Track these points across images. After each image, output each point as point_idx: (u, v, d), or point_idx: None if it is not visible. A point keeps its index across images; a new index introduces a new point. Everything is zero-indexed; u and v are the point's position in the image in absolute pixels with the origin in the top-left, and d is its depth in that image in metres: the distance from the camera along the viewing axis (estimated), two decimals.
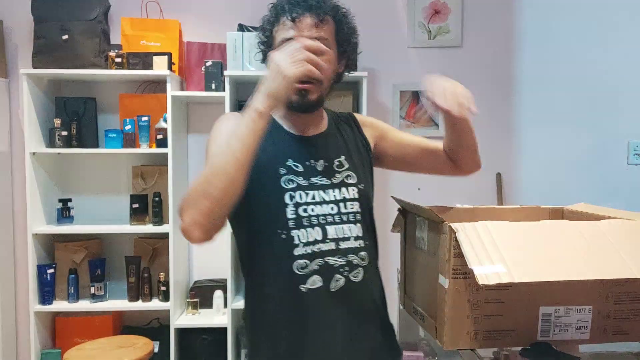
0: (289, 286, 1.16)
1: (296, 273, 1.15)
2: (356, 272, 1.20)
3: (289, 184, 1.18)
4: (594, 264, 0.92)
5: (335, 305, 1.17)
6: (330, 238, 1.17)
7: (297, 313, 1.16)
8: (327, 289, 1.16)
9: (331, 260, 1.17)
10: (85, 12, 2.63)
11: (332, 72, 1.22)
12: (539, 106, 2.93)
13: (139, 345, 2.37)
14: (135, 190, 2.75)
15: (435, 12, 2.89)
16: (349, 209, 1.22)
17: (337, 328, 1.18)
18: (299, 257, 1.15)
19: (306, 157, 1.22)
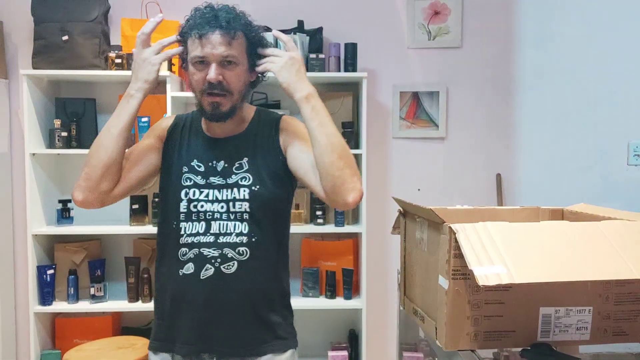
0: (172, 269, 1.34)
1: (178, 259, 1.33)
2: (229, 265, 1.32)
3: (187, 181, 1.35)
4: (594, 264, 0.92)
5: (203, 291, 1.32)
6: (211, 232, 1.32)
7: (174, 292, 1.35)
8: (197, 276, 1.32)
9: (205, 252, 1.32)
10: (85, 13, 2.63)
11: (243, 84, 1.33)
12: (539, 106, 2.93)
13: (138, 346, 2.37)
14: None
15: (435, 12, 2.89)
16: (237, 208, 1.33)
17: (202, 311, 1.32)
18: (182, 246, 1.33)
19: (210, 157, 1.37)
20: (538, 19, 2.91)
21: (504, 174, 2.94)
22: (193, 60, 1.29)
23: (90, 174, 1.33)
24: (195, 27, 1.27)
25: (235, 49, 1.28)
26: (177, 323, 1.35)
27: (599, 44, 2.89)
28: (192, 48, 1.28)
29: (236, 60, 1.28)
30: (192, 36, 1.27)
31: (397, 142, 2.94)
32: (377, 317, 2.92)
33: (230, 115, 1.34)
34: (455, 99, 2.93)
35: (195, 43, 1.27)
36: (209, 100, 1.29)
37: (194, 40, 1.27)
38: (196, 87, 1.31)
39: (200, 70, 1.28)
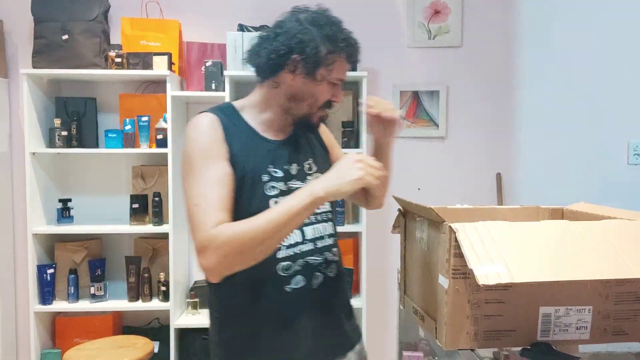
0: (271, 288, 1.20)
1: (278, 274, 1.20)
2: (331, 268, 1.29)
3: (271, 190, 1.22)
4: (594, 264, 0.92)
5: (315, 300, 1.25)
6: (308, 239, 1.25)
7: (281, 312, 1.21)
8: (309, 287, 1.23)
9: (311, 260, 1.24)
10: (85, 12, 2.63)
11: None
12: (539, 106, 2.93)
13: (139, 345, 2.37)
14: (135, 190, 2.75)
15: (435, 12, 2.89)
16: (322, 209, 1.29)
17: (316, 320, 1.25)
18: (282, 260, 1.21)
19: (282, 161, 1.26)
20: (538, 19, 2.91)
21: (504, 173, 2.94)
22: (332, 80, 1.25)
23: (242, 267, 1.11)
24: (347, 49, 1.24)
25: None
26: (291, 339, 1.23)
27: (598, 43, 2.89)
28: (337, 67, 1.24)
29: None
30: (338, 56, 1.23)
31: (397, 142, 2.94)
32: (377, 316, 2.92)
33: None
34: (455, 98, 2.93)
35: (340, 65, 1.25)
36: (321, 115, 1.29)
37: (339, 59, 1.24)
38: (316, 101, 1.25)
39: (331, 88, 1.26)
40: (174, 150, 2.61)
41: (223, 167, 1.17)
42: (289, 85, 1.23)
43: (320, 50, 1.20)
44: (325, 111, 1.28)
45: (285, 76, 1.23)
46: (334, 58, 1.22)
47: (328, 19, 1.24)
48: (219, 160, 1.17)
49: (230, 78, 2.57)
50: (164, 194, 2.67)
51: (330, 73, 1.23)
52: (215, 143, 1.19)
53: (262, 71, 1.26)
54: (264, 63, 1.24)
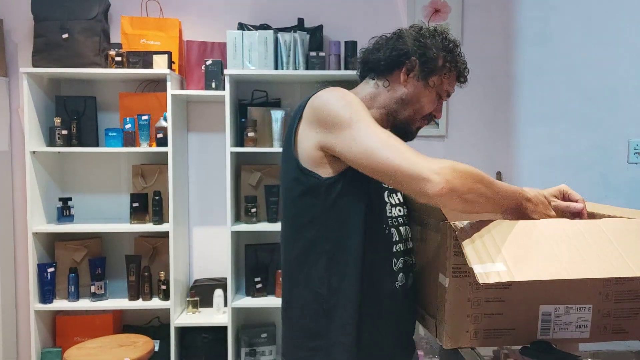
0: (386, 283, 1.19)
1: (392, 270, 1.20)
2: (415, 270, 1.28)
3: (381, 183, 1.19)
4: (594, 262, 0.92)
5: (409, 300, 1.25)
6: (404, 238, 1.24)
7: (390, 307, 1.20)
8: (407, 286, 1.23)
9: (407, 259, 1.24)
10: (85, 11, 2.63)
11: None
12: (539, 105, 2.93)
13: (139, 344, 2.37)
14: (136, 189, 2.75)
15: (436, 10, 2.89)
16: (404, 212, 1.28)
17: (409, 321, 1.27)
18: (395, 255, 1.20)
19: None
20: (538, 17, 2.90)
21: (504, 172, 2.94)
22: (442, 93, 1.25)
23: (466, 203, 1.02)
24: (461, 67, 1.28)
25: None
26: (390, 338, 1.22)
27: (598, 42, 2.89)
28: (450, 81, 1.26)
29: None
30: (453, 71, 1.26)
31: None
32: None
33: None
34: (455, 98, 2.90)
35: (452, 79, 1.26)
36: (420, 125, 1.26)
37: (453, 73, 1.26)
38: (421, 108, 1.23)
39: (437, 100, 1.25)
40: (174, 149, 2.61)
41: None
42: (400, 87, 1.22)
43: (439, 57, 1.22)
44: (425, 123, 1.26)
45: (400, 76, 1.22)
46: (450, 69, 1.24)
47: (448, 35, 1.27)
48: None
49: (230, 77, 2.57)
50: (164, 192, 2.67)
51: (442, 83, 1.24)
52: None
53: (378, 67, 1.24)
54: (384, 59, 1.22)
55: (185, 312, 2.76)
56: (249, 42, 2.60)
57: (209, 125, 2.91)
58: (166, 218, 2.68)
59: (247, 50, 2.60)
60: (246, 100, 2.84)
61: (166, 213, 2.67)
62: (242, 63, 2.61)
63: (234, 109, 2.69)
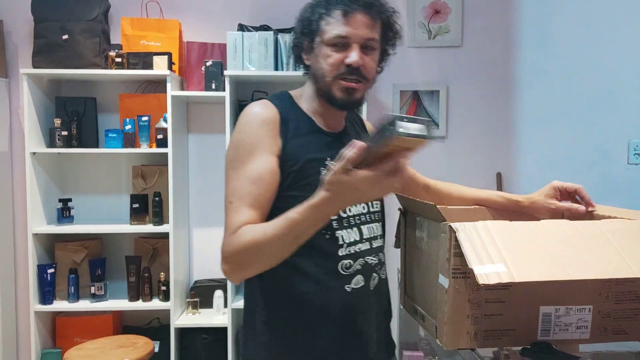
0: (333, 286, 1.17)
1: (340, 272, 1.17)
2: (383, 269, 1.27)
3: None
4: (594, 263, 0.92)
5: (373, 302, 1.23)
6: (365, 238, 1.21)
7: (341, 312, 1.17)
8: (368, 287, 1.21)
9: (369, 260, 1.21)
10: (85, 12, 2.63)
11: (375, 72, 1.22)
12: (539, 106, 2.93)
13: (139, 345, 2.37)
14: (136, 190, 2.75)
15: (436, 11, 2.89)
16: (374, 207, 1.25)
17: (373, 323, 1.24)
18: (344, 258, 1.17)
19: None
20: (538, 19, 2.91)
21: (505, 173, 2.94)
22: (331, 41, 1.14)
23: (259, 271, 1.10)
24: (338, 2, 1.14)
25: (377, 33, 1.18)
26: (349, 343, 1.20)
27: (599, 43, 2.89)
28: (331, 26, 1.14)
29: (375, 46, 1.18)
30: (330, 13, 1.14)
31: None
32: None
33: (361, 104, 1.21)
34: (455, 98, 2.93)
35: (336, 21, 1.13)
36: (343, 85, 1.14)
37: (333, 17, 1.14)
38: (328, 71, 1.15)
39: (337, 51, 1.14)
40: (174, 150, 2.61)
41: (267, 162, 1.11)
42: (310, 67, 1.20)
43: (312, 19, 1.17)
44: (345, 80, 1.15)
45: (306, 59, 1.22)
46: (327, 19, 1.15)
47: None
48: (265, 155, 1.11)
49: (230, 78, 2.57)
50: (164, 193, 2.67)
51: (325, 33, 1.15)
52: (267, 136, 1.13)
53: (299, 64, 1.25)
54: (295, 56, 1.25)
55: (185, 313, 2.76)
56: (249, 43, 2.60)
57: (209, 127, 2.91)
58: (166, 219, 2.68)
59: (247, 51, 2.61)
60: (246, 101, 2.84)
61: (166, 214, 2.67)
62: (242, 64, 2.61)
63: (234, 110, 2.69)
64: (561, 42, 2.90)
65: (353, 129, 1.32)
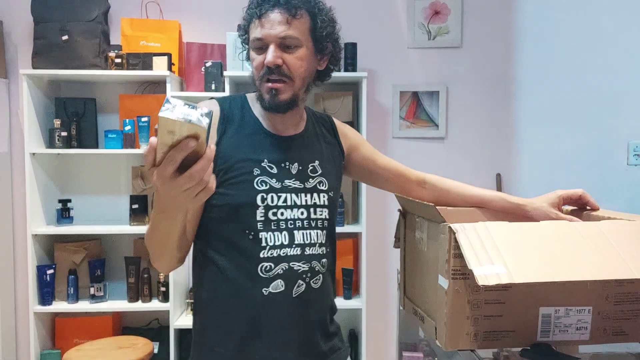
0: (250, 287, 1.15)
1: (260, 275, 1.14)
2: (316, 279, 1.21)
3: (261, 185, 1.16)
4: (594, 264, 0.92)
5: (294, 310, 1.17)
6: (296, 243, 1.18)
7: (256, 314, 1.15)
8: (289, 294, 1.16)
9: (295, 266, 1.17)
10: (85, 13, 2.63)
11: (306, 70, 1.18)
12: (539, 106, 2.93)
13: (138, 345, 2.37)
14: (135, 190, 2.75)
15: (435, 12, 2.89)
16: (318, 215, 1.22)
17: (292, 332, 1.18)
18: (265, 260, 1.15)
19: (281, 158, 1.20)
20: (538, 19, 2.91)
21: (504, 173, 2.94)
22: (253, 44, 1.16)
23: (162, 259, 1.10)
24: (254, 7, 1.16)
25: (297, 28, 1.14)
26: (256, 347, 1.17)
27: (599, 43, 2.89)
28: (252, 30, 1.17)
29: (297, 43, 1.14)
30: (252, 16, 1.16)
31: (397, 142, 2.94)
32: (377, 316, 2.92)
33: (291, 105, 1.18)
34: (455, 99, 2.93)
35: (254, 24, 1.16)
36: (267, 86, 1.15)
37: (253, 21, 1.16)
38: (255, 74, 1.17)
39: (259, 54, 1.15)
40: None
41: None
42: None
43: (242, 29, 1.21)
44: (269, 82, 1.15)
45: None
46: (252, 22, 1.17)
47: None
48: None
49: (230, 78, 2.57)
50: None
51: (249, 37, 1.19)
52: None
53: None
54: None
55: (184, 314, 2.76)
56: None
57: None
58: None
59: None
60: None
61: None
62: (242, 65, 2.61)
63: None
64: (561, 42, 2.90)
65: (314, 132, 1.30)
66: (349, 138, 1.38)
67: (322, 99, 2.78)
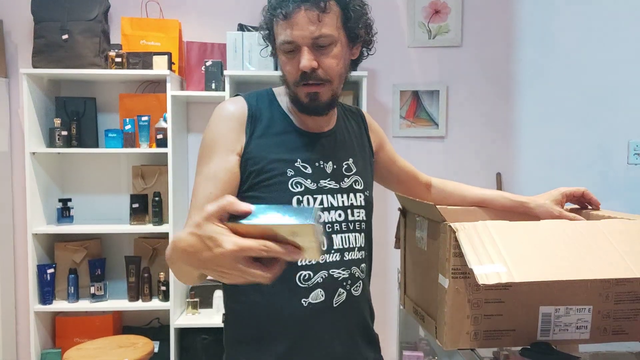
0: (289, 298, 1.08)
1: (299, 285, 1.08)
2: (357, 286, 1.15)
3: (296, 187, 1.09)
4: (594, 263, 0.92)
5: (335, 320, 1.12)
6: (335, 248, 1.11)
7: (295, 328, 1.09)
8: (330, 304, 1.11)
9: (335, 273, 1.11)
10: (85, 12, 2.63)
11: (343, 66, 1.11)
12: (539, 106, 2.93)
13: (139, 345, 2.37)
14: (135, 190, 2.75)
15: (435, 11, 2.89)
16: (356, 216, 1.15)
17: (335, 343, 1.12)
18: (303, 268, 1.08)
19: (315, 157, 1.14)
20: (538, 18, 2.91)
21: (504, 173, 2.94)
22: (282, 47, 1.07)
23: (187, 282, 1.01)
24: (277, 6, 1.06)
25: (328, 25, 1.04)
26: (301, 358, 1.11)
27: (599, 43, 2.89)
28: (279, 32, 1.07)
29: (330, 40, 1.05)
30: (277, 16, 1.06)
31: (397, 141, 2.94)
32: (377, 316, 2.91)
33: (332, 106, 1.14)
34: (455, 98, 2.93)
35: (280, 25, 1.06)
36: (305, 91, 1.08)
37: (278, 22, 1.06)
38: (289, 79, 1.10)
39: (291, 57, 1.07)
40: (174, 150, 2.61)
41: (225, 162, 1.07)
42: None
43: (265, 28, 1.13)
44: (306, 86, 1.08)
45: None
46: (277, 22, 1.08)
47: None
48: (223, 154, 1.07)
49: (230, 78, 2.57)
50: (164, 193, 2.67)
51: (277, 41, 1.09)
52: (229, 134, 1.09)
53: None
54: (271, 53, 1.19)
55: (185, 313, 2.76)
56: (249, 43, 2.60)
57: None
58: (166, 219, 2.68)
59: (247, 51, 2.61)
60: None
61: (166, 214, 2.67)
62: (242, 64, 2.61)
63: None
64: (561, 42, 2.90)
65: (345, 127, 1.24)
66: (378, 136, 1.34)
67: None
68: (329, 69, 1.07)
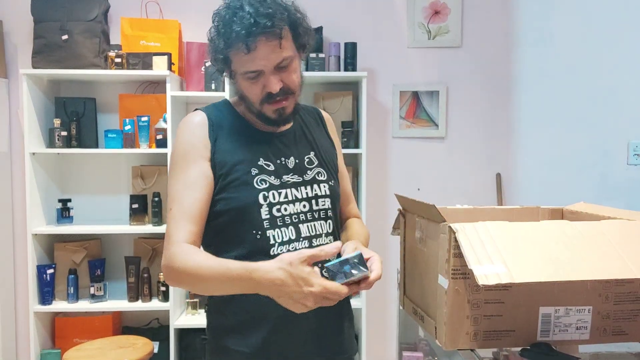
0: None
1: None
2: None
3: (261, 184, 1.18)
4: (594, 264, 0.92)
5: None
6: (303, 236, 1.19)
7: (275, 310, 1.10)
8: None
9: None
10: (84, 12, 2.63)
11: (300, 76, 1.20)
12: (539, 106, 2.93)
13: (138, 345, 2.37)
14: (135, 190, 2.75)
15: (435, 12, 2.89)
16: (321, 205, 1.23)
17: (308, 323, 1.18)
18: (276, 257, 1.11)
19: (277, 155, 1.22)
20: (538, 19, 2.91)
21: (504, 173, 2.94)
22: (243, 76, 1.15)
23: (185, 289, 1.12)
24: (237, 39, 1.09)
25: (287, 48, 1.13)
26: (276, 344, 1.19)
27: (599, 43, 2.89)
28: (241, 62, 1.13)
29: (290, 59, 1.15)
30: (234, 46, 1.11)
31: (397, 142, 2.94)
32: (377, 316, 2.92)
33: (296, 113, 1.23)
34: (455, 99, 2.93)
35: (242, 56, 1.11)
36: (272, 107, 1.17)
37: (238, 53, 1.11)
38: (254, 100, 1.17)
39: (256, 82, 1.15)
40: None
41: (200, 168, 1.16)
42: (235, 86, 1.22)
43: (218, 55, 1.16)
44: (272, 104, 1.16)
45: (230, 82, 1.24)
46: (231, 55, 1.14)
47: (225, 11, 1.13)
48: (197, 162, 1.16)
49: None
50: (164, 194, 2.66)
51: (237, 68, 1.15)
52: (197, 143, 1.18)
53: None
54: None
55: (184, 314, 2.76)
56: None
57: None
58: (165, 219, 2.67)
59: None
60: None
61: (165, 214, 2.67)
62: None
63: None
64: (561, 42, 2.90)
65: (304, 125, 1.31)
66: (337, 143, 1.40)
67: (322, 98, 2.78)
68: (292, 83, 1.17)
